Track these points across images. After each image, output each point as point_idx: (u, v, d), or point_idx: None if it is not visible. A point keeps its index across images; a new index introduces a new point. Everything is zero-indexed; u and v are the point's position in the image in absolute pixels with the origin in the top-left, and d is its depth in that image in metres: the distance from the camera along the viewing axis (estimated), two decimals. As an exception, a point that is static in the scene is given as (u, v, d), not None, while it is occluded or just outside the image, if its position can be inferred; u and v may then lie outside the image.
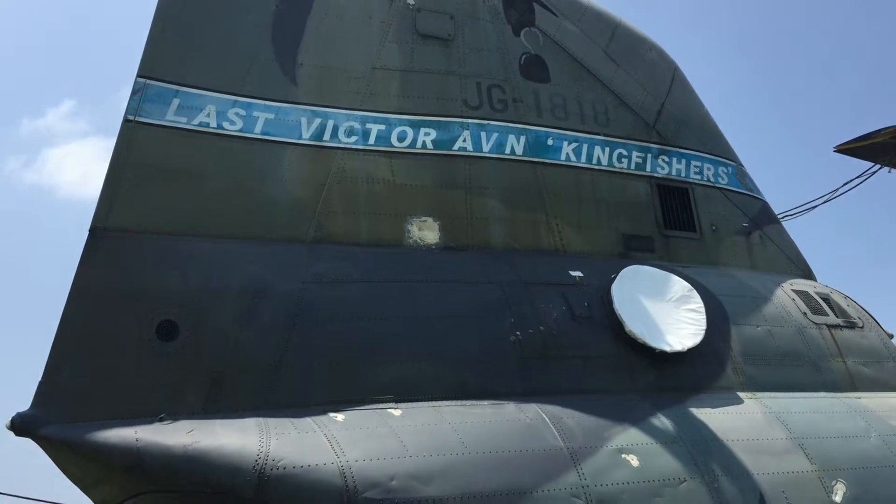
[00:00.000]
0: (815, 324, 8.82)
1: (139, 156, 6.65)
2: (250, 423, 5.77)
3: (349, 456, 5.61)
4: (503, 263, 7.72)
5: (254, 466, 5.38)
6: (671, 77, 9.88)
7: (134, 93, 6.79)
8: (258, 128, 7.21)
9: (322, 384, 6.28)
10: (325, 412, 6.05)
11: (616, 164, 8.95)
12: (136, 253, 6.35)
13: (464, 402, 6.55)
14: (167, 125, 6.83)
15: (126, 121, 6.69)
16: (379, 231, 7.47)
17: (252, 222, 6.96)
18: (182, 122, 6.89)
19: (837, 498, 7.01)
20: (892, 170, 10.16)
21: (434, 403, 6.44)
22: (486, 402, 6.60)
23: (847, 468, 7.28)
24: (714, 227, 9.42)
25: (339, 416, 6.04)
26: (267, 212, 7.06)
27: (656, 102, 9.54)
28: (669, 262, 8.71)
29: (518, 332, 7.13)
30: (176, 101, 6.91)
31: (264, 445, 5.51)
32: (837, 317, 9.09)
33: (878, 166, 10.25)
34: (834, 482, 7.11)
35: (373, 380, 6.44)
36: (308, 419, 5.93)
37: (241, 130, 7.14)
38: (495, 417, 6.43)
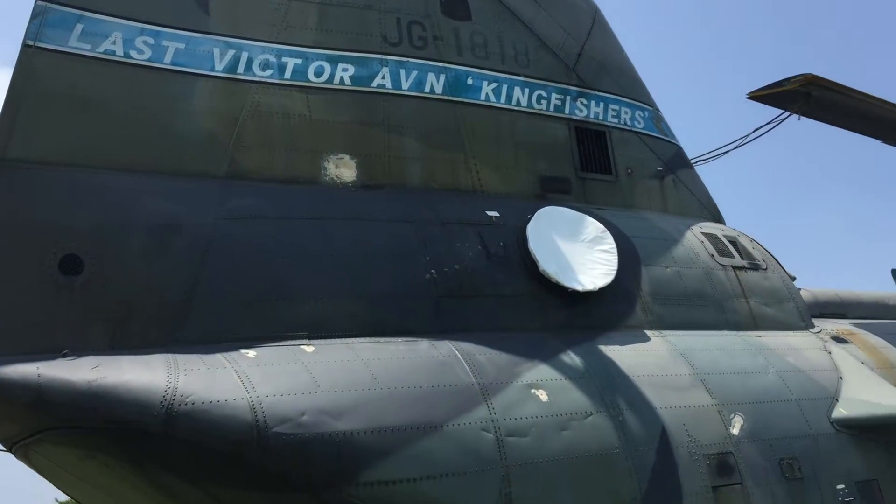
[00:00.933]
0: (722, 265, 9.12)
1: (40, 83, 6.34)
2: (158, 359, 5.68)
3: (260, 391, 5.60)
4: (420, 202, 7.70)
5: (161, 402, 5.32)
6: (592, 19, 9.89)
7: (34, 17, 6.43)
8: (168, 58, 6.94)
9: (234, 321, 6.21)
10: (236, 348, 6.00)
11: (535, 106, 8.97)
12: (37, 185, 6.09)
13: (378, 339, 6.59)
14: (70, 52, 6.50)
15: (25, 46, 6.35)
16: (294, 168, 7.34)
17: (161, 155, 6.74)
18: (86, 49, 6.58)
19: (735, 430, 7.35)
20: (802, 117, 10.48)
21: (348, 340, 6.46)
22: (400, 339, 6.65)
23: (745, 402, 7.63)
24: (629, 171, 9.57)
25: (251, 353, 6.00)
26: (177, 145, 6.84)
27: (576, 45, 9.55)
28: (585, 204, 8.83)
29: (433, 271, 7.16)
30: (79, 27, 6.58)
31: (172, 381, 5.45)
32: (743, 259, 9.41)
33: (787, 113, 10.56)
34: (732, 416, 7.45)
35: (286, 317, 6.40)
36: (218, 355, 5.87)
37: (149, 60, 6.86)
38: (409, 354, 6.49)
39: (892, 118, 10.96)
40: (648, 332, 8.02)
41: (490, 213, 7.93)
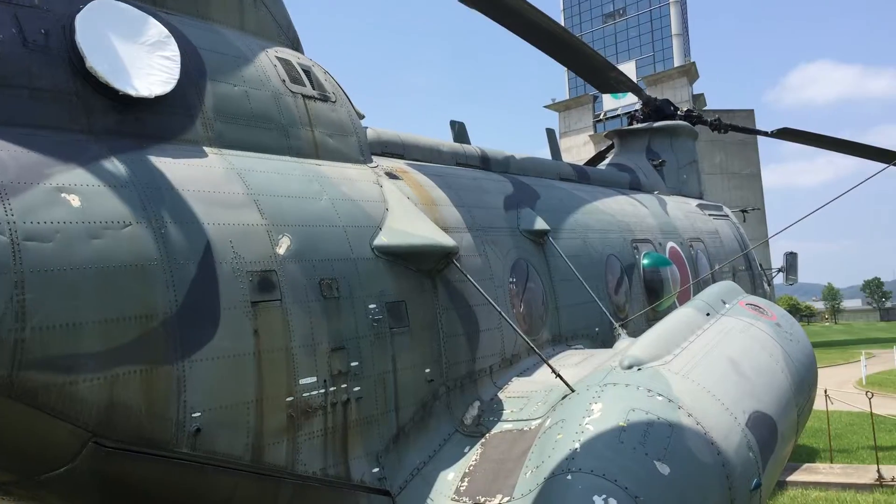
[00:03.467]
0: (292, 92, 9.09)
1: None
2: None
3: None
4: None
5: None
6: None
7: None
8: None
9: None
10: None
11: None
12: None
13: None
14: None
15: None
16: None
17: None
18: None
19: (281, 250, 7.55)
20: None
21: None
22: None
23: (295, 225, 7.85)
24: (207, -20, 8.94)
25: None
26: None
27: None
28: (153, 7, 8.08)
29: None
30: None
31: None
32: (314, 89, 9.48)
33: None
34: (281, 236, 7.63)
35: None
36: None
37: None
38: None
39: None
40: (207, 149, 7.77)
41: (32, -5, 6.87)
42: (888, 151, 16.81)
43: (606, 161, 21.13)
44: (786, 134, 19.74)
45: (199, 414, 6.50)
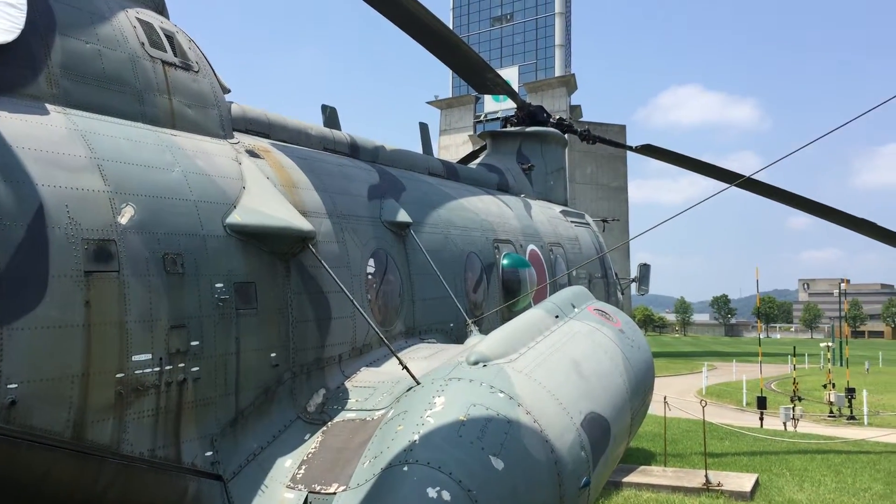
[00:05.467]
0: (151, 57, 8.70)
1: None
2: None
3: None
4: None
5: None
6: None
7: None
8: None
9: None
10: None
11: None
12: None
13: None
14: None
15: None
16: None
17: None
18: None
19: (123, 220, 7.20)
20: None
21: None
22: None
23: (141, 195, 7.51)
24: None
25: None
26: None
27: None
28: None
29: None
30: None
31: None
32: (176, 56, 9.11)
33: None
34: (124, 205, 7.28)
35: None
36: None
37: None
38: None
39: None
40: (49, 107, 7.32)
41: None
42: (733, 173, 17.83)
43: (478, 161, 21.39)
44: (648, 150, 20.59)
45: (15, 385, 6.10)
